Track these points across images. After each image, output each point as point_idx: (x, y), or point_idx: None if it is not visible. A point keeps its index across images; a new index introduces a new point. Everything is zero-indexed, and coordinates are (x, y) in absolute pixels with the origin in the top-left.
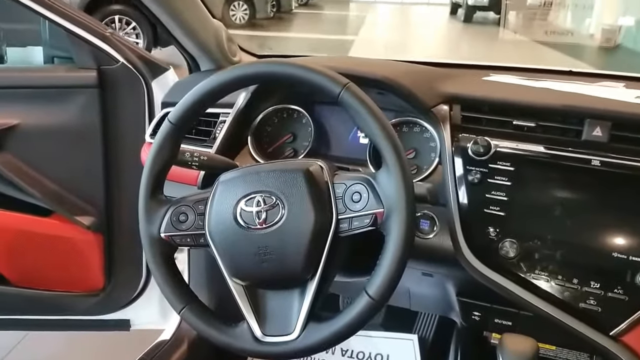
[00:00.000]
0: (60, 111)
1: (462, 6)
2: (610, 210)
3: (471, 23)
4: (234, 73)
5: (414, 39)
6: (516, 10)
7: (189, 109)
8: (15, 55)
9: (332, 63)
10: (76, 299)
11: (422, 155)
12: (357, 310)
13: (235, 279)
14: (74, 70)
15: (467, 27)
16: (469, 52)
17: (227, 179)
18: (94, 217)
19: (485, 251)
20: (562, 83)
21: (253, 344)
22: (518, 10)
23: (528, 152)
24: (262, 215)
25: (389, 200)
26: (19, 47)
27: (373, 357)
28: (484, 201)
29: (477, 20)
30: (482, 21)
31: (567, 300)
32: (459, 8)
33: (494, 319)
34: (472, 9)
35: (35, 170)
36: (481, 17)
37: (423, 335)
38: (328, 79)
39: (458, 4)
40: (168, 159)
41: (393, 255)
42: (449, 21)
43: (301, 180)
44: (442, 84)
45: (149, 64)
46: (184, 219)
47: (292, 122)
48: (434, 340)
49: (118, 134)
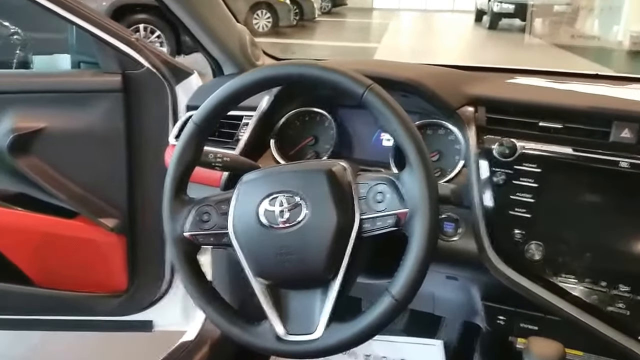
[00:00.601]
0: (85, 115)
1: (487, 13)
2: (639, 212)
3: (496, 30)
4: (257, 75)
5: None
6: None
7: (212, 111)
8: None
9: (356, 65)
10: (99, 300)
11: (446, 158)
12: (380, 311)
13: (258, 278)
14: (100, 75)
15: (492, 34)
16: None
17: (250, 179)
18: (117, 219)
19: (511, 254)
20: (588, 85)
21: (275, 343)
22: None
23: (554, 154)
24: (284, 214)
25: (412, 201)
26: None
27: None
28: (509, 203)
29: (503, 27)
30: (507, 28)
31: (594, 303)
32: (484, 15)
33: (519, 324)
34: (498, 16)
35: (61, 172)
36: (507, 24)
37: (447, 341)
38: (351, 80)
39: (483, 11)
40: (192, 160)
41: (416, 255)
42: (473, 28)
43: (324, 180)
44: (466, 86)
45: (173, 68)
46: (207, 219)
47: (314, 125)
48: (459, 346)
49: (142, 137)
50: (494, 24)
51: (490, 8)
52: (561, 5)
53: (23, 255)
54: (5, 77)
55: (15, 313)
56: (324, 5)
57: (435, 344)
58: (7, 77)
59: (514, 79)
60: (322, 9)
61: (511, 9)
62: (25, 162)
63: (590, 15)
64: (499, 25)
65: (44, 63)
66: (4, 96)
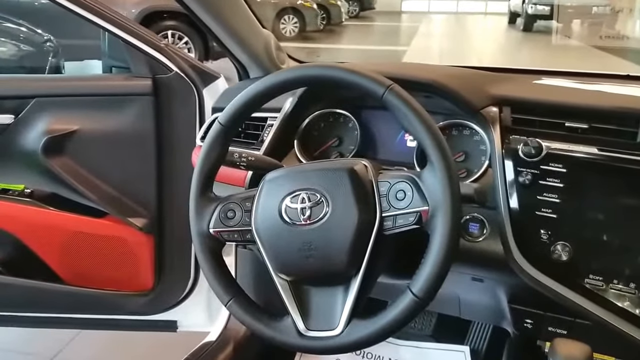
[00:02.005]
0: (116, 118)
1: (521, 15)
2: None
3: (531, 32)
4: (280, 77)
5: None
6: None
7: (237, 111)
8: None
9: (378, 67)
10: (126, 299)
11: (471, 159)
12: (401, 308)
13: (280, 274)
14: (131, 78)
15: (527, 36)
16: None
17: (273, 177)
18: (146, 219)
19: (537, 255)
20: (616, 86)
21: (297, 338)
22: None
23: (581, 154)
24: (306, 211)
25: (433, 198)
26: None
27: None
28: (535, 203)
29: (538, 29)
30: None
31: (623, 306)
32: (517, 17)
33: (547, 327)
34: (532, 18)
35: (92, 173)
36: (542, 26)
37: (475, 347)
38: (372, 81)
39: (517, 13)
40: (217, 159)
41: (438, 253)
42: (507, 30)
43: (345, 178)
44: (491, 87)
45: (201, 73)
46: (232, 216)
47: (338, 127)
48: (487, 352)
49: (171, 139)
50: (529, 26)
51: (525, 10)
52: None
53: (53, 254)
54: (40, 81)
55: (44, 311)
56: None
57: (462, 350)
58: (42, 82)
59: (541, 79)
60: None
61: (547, 11)
62: (58, 163)
63: (630, 16)
64: (534, 27)
65: (74, 69)
66: (39, 100)
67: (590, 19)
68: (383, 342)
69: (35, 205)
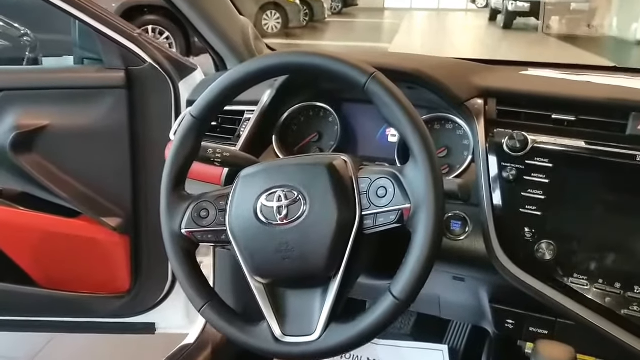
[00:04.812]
0: (88, 112)
1: (501, 12)
2: None
3: (511, 30)
4: (257, 64)
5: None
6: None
7: (211, 103)
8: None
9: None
10: (102, 301)
11: (454, 154)
12: (381, 311)
13: (256, 276)
14: (103, 70)
15: (507, 33)
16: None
17: (248, 174)
18: (120, 219)
19: (520, 253)
20: (603, 77)
21: (272, 344)
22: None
23: (568, 148)
24: (282, 210)
25: (416, 196)
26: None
27: None
28: (519, 200)
29: (518, 27)
30: (522, 27)
31: (608, 306)
32: (498, 14)
33: (529, 327)
34: (512, 15)
35: (63, 171)
36: (522, 24)
37: (454, 346)
38: (353, 68)
39: (498, 10)
40: (190, 154)
41: (420, 253)
42: (487, 27)
43: (324, 174)
44: (476, 77)
45: (177, 64)
46: (205, 215)
47: (318, 121)
48: (466, 351)
49: (146, 134)
50: (509, 23)
51: (505, 7)
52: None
53: (25, 255)
54: (7, 74)
55: (17, 314)
56: (334, 5)
57: (441, 349)
58: (9, 74)
59: (527, 71)
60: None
61: (526, 8)
62: (27, 160)
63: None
64: (514, 24)
65: (52, 64)
66: (6, 93)
67: (569, 15)
68: None
69: (5, 205)
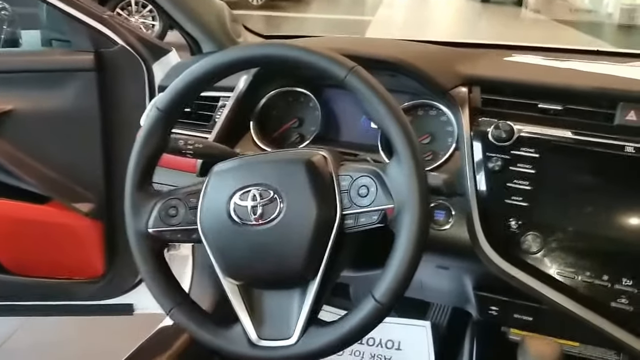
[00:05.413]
0: (57, 96)
1: None
2: None
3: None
4: (228, 56)
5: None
6: None
7: (178, 95)
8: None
9: (341, 44)
10: (77, 286)
11: (438, 141)
12: (363, 315)
13: (229, 278)
14: (71, 53)
15: (486, 7)
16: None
17: (221, 170)
18: (93, 204)
19: (506, 245)
20: (589, 64)
21: (247, 348)
22: None
23: (554, 138)
24: (257, 210)
25: (399, 196)
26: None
27: (384, 344)
28: (505, 191)
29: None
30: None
31: (596, 298)
32: None
33: (513, 314)
34: None
35: (31, 156)
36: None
37: (437, 322)
38: (332, 62)
39: None
40: (157, 149)
41: (403, 256)
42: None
43: (301, 172)
44: (460, 65)
45: (150, 46)
46: (174, 213)
47: (298, 106)
48: (448, 328)
49: (118, 118)
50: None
51: None
52: None
53: None
54: None
55: None
56: None
57: (424, 326)
58: None
59: (511, 56)
60: None
61: None
62: None
63: None
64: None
65: (33, 38)
66: None
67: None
68: None
69: None
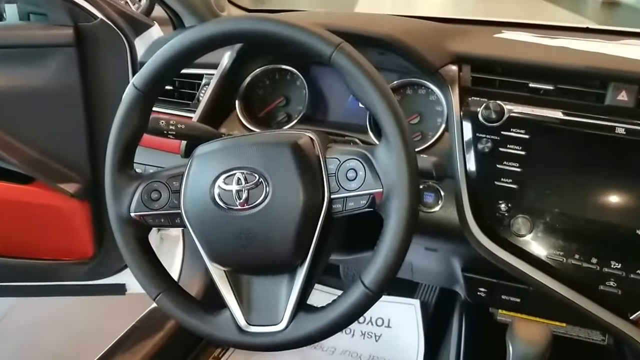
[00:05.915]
0: (36, 72)
1: None
2: (635, 183)
3: None
4: (208, 30)
5: None
6: None
7: (156, 73)
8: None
9: (328, 20)
10: (67, 267)
11: (427, 121)
12: (352, 301)
13: (215, 264)
14: (49, 27)
15: None
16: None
17: (204, 153)
18: (79, 184)
19: (495, 227)
20: (581, 41)
21: (236, 335)
22: None
23: (545, 118)
24: (242, 194)
25: (388, 180)
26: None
27: (374, 321)
28: (494, 173)
29: None
30: None
31: (584, 281)
32: None
33: (501, 296)
34: None
35: (11, 135)
36: None
37: (425, 300)
38: (318, 38)
39: None
40: (137, 129)
41: (392, 242)
42: None
43: (287, 154)
44: (450, 42)
45: (131, 20)
46: (157, 197)
47: (284, 84)
48: (437, 306)
49: (101, 95)
50: None
51: None
52: None
53: None
54: None
55: None
56: None
57: (412, 304)
58: None
59: (501, 33)
60: None
61: None
62: None
63: None
64: None
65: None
66: None
67: None
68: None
69: None
